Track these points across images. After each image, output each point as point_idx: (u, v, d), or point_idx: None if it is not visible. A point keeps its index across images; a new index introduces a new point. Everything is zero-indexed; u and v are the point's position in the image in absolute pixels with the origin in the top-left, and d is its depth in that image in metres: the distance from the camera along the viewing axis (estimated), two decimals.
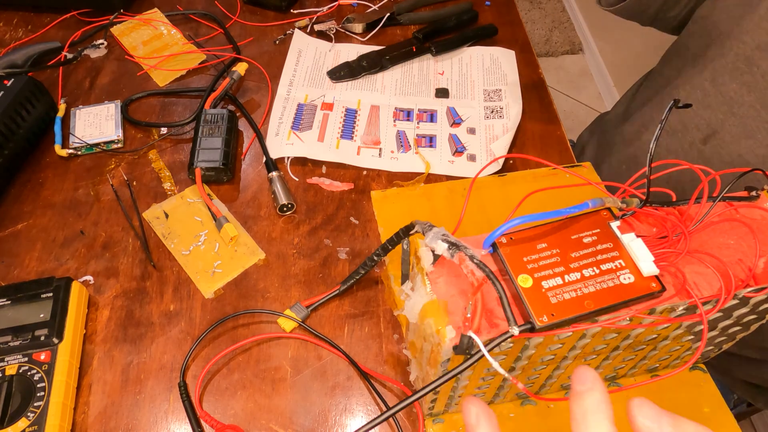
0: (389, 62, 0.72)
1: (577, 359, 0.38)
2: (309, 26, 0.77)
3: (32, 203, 0.58)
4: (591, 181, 0.35)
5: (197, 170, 0.57)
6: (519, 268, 0.31)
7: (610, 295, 0.30)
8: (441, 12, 0.79)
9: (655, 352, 0.41)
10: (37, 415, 0.42)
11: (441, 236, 0.32)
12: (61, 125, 0.63)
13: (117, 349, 0.48)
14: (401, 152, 0.63)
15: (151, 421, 0.45)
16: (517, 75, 0.71)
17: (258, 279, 0.53)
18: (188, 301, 0.51)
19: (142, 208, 0.57)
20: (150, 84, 0.70)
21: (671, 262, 0.32)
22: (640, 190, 0.34)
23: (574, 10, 2.16)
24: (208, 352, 0.48)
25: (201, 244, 0.55)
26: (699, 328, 0.38)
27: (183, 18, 0.78)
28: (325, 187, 0.60)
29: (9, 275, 0.53)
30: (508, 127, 0.65)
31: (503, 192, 0.59)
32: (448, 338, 0.30)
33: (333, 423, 0.45)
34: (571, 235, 0.32)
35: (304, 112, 0.67)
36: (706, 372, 0.48)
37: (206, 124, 0.61)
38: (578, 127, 0.96)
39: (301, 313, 0.50)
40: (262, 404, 0.46)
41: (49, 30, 0.76)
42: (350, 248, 0.55)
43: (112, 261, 0.54)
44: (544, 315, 0.29)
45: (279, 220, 0.57)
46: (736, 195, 0.36)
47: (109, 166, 0.61)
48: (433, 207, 0.58)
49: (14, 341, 0.45)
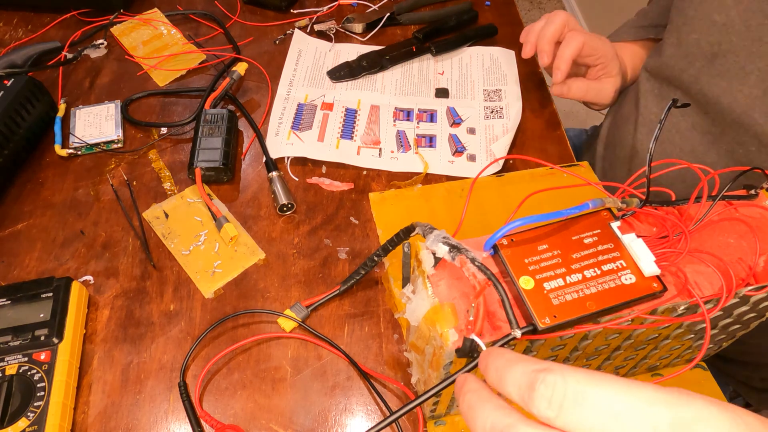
0: (389, 62, 0.72)
1: (579, 359, 0.38)
2: (309, 26, 0.77)
3: (32, 203, 0.58)
4: (590, 181, 0.35)
5: (197, 170, 0.57)
6: (520, 269, 0.31)
7: (612, 296, 0.30)
8: (441, 12, 0.79)
9: (656, 351, 0.41)
10: (37, 415, 0.42)
11: (442, 239, 0.32)
12: (61, 125, 0.63)
13: (117, 349, 0.48)
14: (401, 152, 0.63)
15: (151, 421, 0.45)
16: (517, 75, 0.71)
17: (258, 279, 0.53)
18: (188, 301, 0.51)
19: (142, 208, 0.57)
20: (150, 84, 0.70)
21: (672, 262, 0.32)
22: (640, 190, 0.34)
23: (574, 10, 2.16)
24: (208, 352, 0.48)
25: (201, 244, 0.55)
26: (700, 326, 0.38)
27: (183, 18, 0.78)
28: (325, 187, 0.60)
29: (9, 275, 0.53)
30: (508, 127, 0.65)
31: (502, 193, 0.59)
32: (450, 341, 0.30)
33: (333, 423, 0.45)
34: (571, 236, 0.32)
35: (304, 112, 0.66)
36: (707, 370, 0.48)
37: (206, 124, 0.61)
38: (578, 127, 0.96)
39: (301, 313, 0.50)
40: (262, 404, 0.46)
41: (49, 30, 0.75)
42: (350, 248, 0.55)
43: (112, 261, 0.54)
44: (547, 317, 0.29)
45: (279, 220, 0.57)
46: (736, 194, 0.36)
47: (109, 166, 0.61)
48: (431, 208, 0.58)
49: (14, 341, 0.45)
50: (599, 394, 0.19)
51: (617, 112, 0.73)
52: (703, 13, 0.56)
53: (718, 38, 0.55)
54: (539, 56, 0.62)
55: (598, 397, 0.19)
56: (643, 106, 0.65)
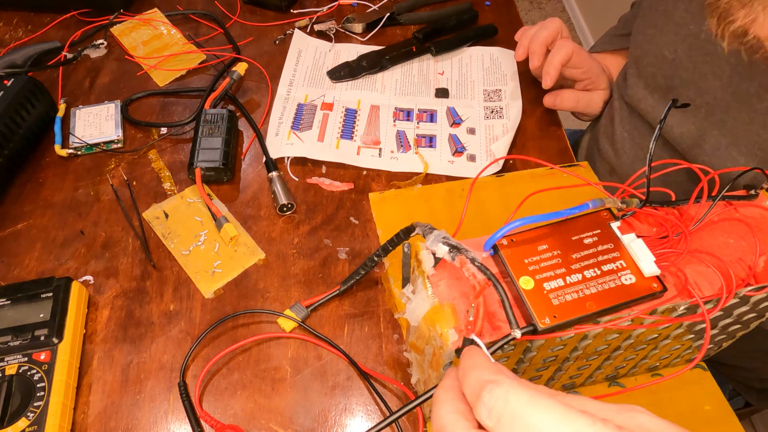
0: (389, 62, 0.72)
1: (578, 360, 0.38)
2: (309, 26, 0.77)
3: (32, 203, 0.58)
4: (589, 181, 0.35)
5: (197, 170, 0.57)
6: (520, 270, 0.31)
7: (612, 296, 0.30)
8: (441, 12, 0.79)
9: (655, 351, 0.41)
10: (37, 415, 0.42)
11: (442, 239, 0.32)
12: (61, 125, 0.63)
13: (117, 349, 0.48)
14: (401, 152, 0.63)
15: (151, 421, 0.45)
16: (517, 75, 0.71)
17: (258, 279, 0.53)
18: (188, 301, 0.51)
19: (142, 208, 0.57)
20: (150, 84, 0.70)
21: (672, 262, 0.32)
22: (639, 190, 0.34)
23: (574, 10, 2.16)
24: (208, 352, 0.48)
25: (201, 244, 0.55)
26: (699, 326, 0.38)
27: (183, 18, 0.78)
28: (325, 187, 0.60)
29: (9, 275, 0.53)
30: (508, 127, 0.65)
31: (501, 193, 0.59)
32: (450, 341, 0.30)
33: (333, 423, 0.45)
34: (571, 236, 0.32)
35: (304, 112, 0.66)
36: (707, 370, 0.48)
37: (206, 124, 0.61)
38: (578, 126, 0.96)
39: (301, 313, 0.50)
40: (262, 404, 0.46)
41: (49, 30, 0.75)
42: (350, 248, 0.55)
43: (112, 261, 0.54)
44: (546, 317, 0.29)
45: (279, 220, 0.57)
46: (735, 194, 0.36)
47: (109, 166, 0.61)
48: (431, 208, 0.58)
49: (14, 341, 0.45)
50: (533, 418, 0.21)
51: (595, 126, 0.74)
52: (656, 49, 0.58)
53: (670, 73, 0.57)
54: (530, 58, 0.63)
55: (532, 421, 0.21)
56: (617, 123, 0.66)
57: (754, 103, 0.48)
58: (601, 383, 0.46)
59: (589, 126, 0.79)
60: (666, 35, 0.56)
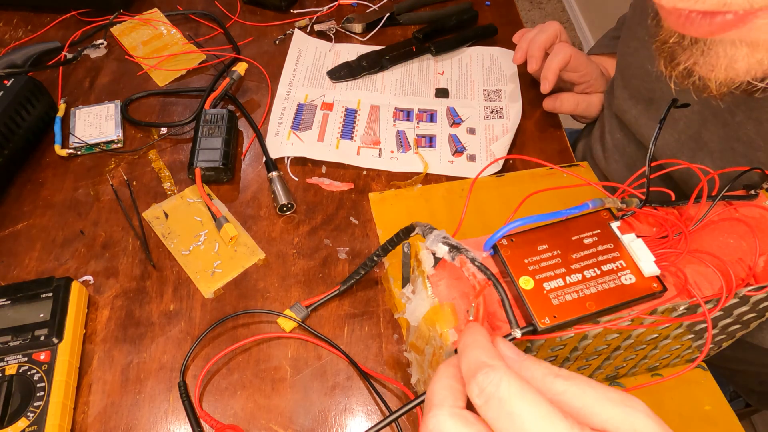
0: (389, 62, 0.72)
1: (578, 359, 0.38)
2: (309, 26, 0.77)
3: (32, 203, 0.58)
4: (589, 181, 0.35)
5: (197, 170, 0.57)
6: (520, 269, 0.31)
7: (612, 296, 0.30)
8: (441, 12, 0.79)
9: (655, 351, 0.41)
10: (37, 415, 0.42)
11: (442, 239, 0.32)
12: (61, 125, 0.63)
13: (117, 349, 0.48)
14: (401, 152, 0.63)
15: (151, 421, 0.45)
16: (517, 75, 0.71)
17: (258, 279, 0.53)
18: (188, 301, 0.51)
19: (142, 208, 0.57)
20: (150, 84, 0.70)
21: (672, 262, 0.32)
22: (639, 190, 0.34)
23: (574, 10, 2.16)
24: (208, 352, 0.48)
25: (201, 244, 0.55)
26: (699, 326, 0.38)
27: (183, 18, 0.78)
28: (325, 187, 0.60)
29: (9, 275, 0.53)
30: (508, 127, 0.65)
31: (501, 193, 0.59)
32: (450, 341, 0.30)
33: (333, 423, 0.45)
34: (571, 236, 0.32)
35: (304, 112, 0.66)
36: (707, 370, 0.48)
37: (206, 124, 0.61)
38: (578, 127, 0.96)
39: (300, 313, 0.50)
40: (262, 404, 0.46)
41: (49, 30, 0.75)
42: (350, 248, 0.55)
43: (111, 261, 0.54)
44: (546, 317, 0.29)
45: (279, 220, 0.57)
46: (735, 194, 0.36)
47: (109, 166, 0.61)
48: (431, 208, 0.58)
49: (14, 341, 0.45)
50: (518, 409, 0.22)
51: (590, 131, 0.74)
52: (640, 62, 0.58)
53: (652, 86, 0.57)
54: (528, 61, 0.64)
55: (516, 411, 0.22)
56: (607, 131, 0.67)
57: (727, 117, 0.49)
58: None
59: (583, 130, 0.79)
60: (648, 49, 0.57)
